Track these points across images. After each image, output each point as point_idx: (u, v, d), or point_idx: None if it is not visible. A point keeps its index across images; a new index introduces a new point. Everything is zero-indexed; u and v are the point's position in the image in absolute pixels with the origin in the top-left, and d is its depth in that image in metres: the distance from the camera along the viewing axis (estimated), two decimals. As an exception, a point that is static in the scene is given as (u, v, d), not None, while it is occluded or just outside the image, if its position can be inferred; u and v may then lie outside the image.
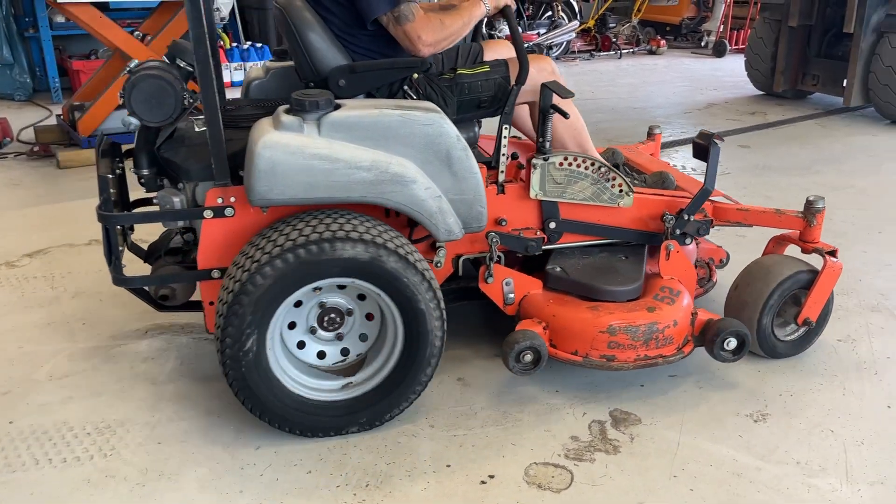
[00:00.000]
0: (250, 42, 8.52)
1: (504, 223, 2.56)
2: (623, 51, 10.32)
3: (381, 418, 2.33)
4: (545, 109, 2.50)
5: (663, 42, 10.68)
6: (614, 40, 10.40)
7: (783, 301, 2.67)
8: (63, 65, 7.47)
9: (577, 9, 10.04)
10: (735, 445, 2.29)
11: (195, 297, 2.56)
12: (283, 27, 2.49)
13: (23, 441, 2.30)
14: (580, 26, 10.08)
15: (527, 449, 2.27)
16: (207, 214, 2.28)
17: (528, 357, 2.38)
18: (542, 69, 2.65)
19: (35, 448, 2.27)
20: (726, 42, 10.30)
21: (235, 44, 8.48)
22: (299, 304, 2.27)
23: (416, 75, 2.51)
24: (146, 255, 2.69)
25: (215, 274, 2.33)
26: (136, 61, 2.39)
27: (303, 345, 2.35)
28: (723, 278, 3.07)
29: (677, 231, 2.67)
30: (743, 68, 7.61)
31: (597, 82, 8.42)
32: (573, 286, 2.55)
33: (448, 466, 2.20)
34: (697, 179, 2.91)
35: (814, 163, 5.25)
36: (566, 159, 2.54)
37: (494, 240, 2.52)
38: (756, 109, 6.98)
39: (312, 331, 2.33)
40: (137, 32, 5.47)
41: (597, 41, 10.40)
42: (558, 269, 2.60)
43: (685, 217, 2.67)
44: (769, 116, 6.72)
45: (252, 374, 2.16)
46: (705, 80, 8.51)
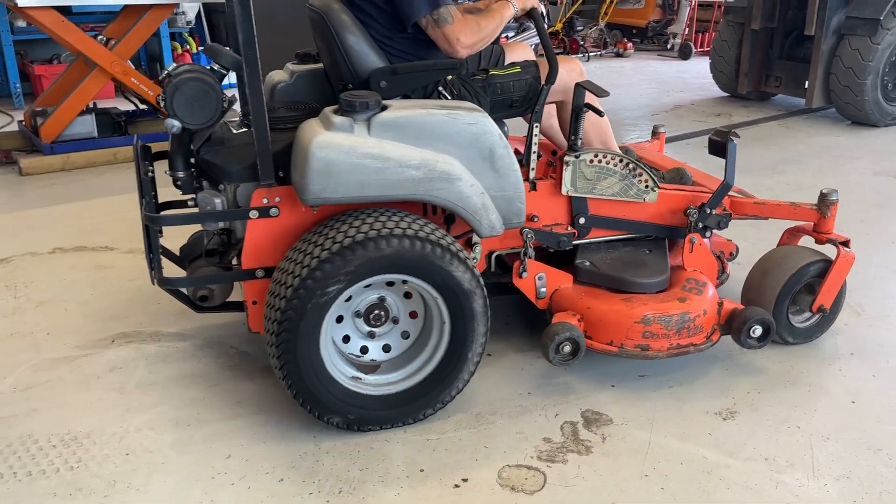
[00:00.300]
0: (217, 46, 8.43)
1: (536, 219, 2.64)
2: (590, 53, 10.42)
3: (425, 412, 2.39)
4: (578, 108, 2.59)
5: (630, 45, 10.80)
6: (582, 43, 10.49)
7: (798, 289, 2.77)
8: (25, 70, 7.33)
9: (545, 12, 10.10)
10: (704, 443, 2.32)
11: (231, 298, 2.60)
12: (320, 30, 2.53)
13: (-14, 455, 2.25)
14: (548, 29, 10.14)
15: (500, 451, 2.28)
16: (253, 215, 2.31)
17: (567, 348, 2.46)
18: (571, 69, 2.73)
19: (-1, 462, 2.22)
20: (692, 45, 10.44)
21: (202, 48, 8.38)
22: (348, 299, 2.30)
23: (450, 76, 2.57)
24: (180, 259, 2.71)
25: (259, 273, 2.36)
26: (174, 65, 2.43)
27: (348, 339, 2.39)
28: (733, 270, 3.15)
29: (700, 224, 2.78)
30: (708, 70, 7.72)
31: (565, 85, 8.46)
32: (604, 279, 2.64)
33: (421, 471, 2.20)
34: (710, 175, 3.08)
35: (778, 163, 5.34)
36: (596, 156, 2.64)
37: (529, 235, 2.58)
38: (721, 111, 7.08)
39: (362, 330, 2.39)
40: (101, 37, 5.38)
41: (564, 44, 10.47)
42: (587, 264, 2.68)
43: (707, 211, 2.77)
44: (734, 118, 6.82)
45: (308, 369, 2.19)
46: (671, 83, 8.62)
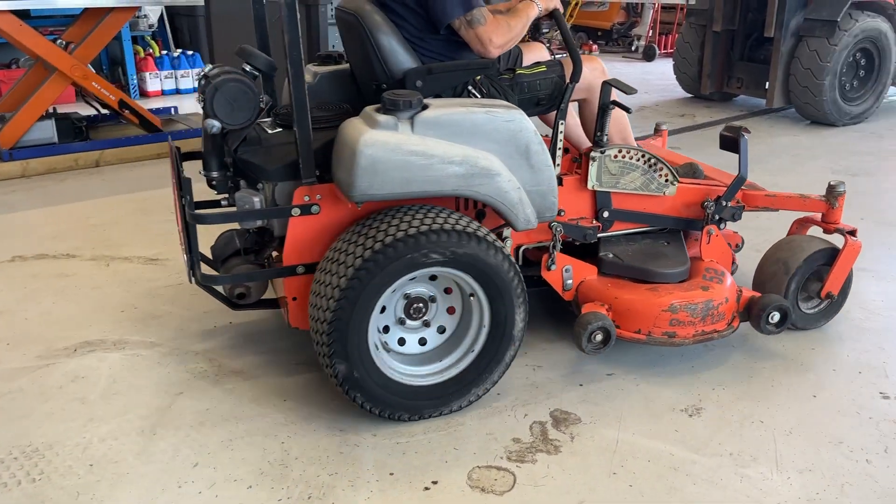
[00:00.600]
0: (181, 50, 8.34)
1: (562, 213, 2.70)
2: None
3: (462, 402, 2.45)
4: (605, 105, 2.68)
5: (595, 46, 10.92)
6: (547, 45, 10.53)
7: (807, 276, 2.89)
8: (-18, 74, 7.18)
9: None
10: (671, 440, 2.35)
11: (267, 296, 2.66)
12: (353, 31, 2.58)
13: (-57, 470, 2.19)
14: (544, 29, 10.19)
15: (469, 453, 2.28)
16: (295, 212, 2.36)
17: (599, 337, 2.54)
18: (594, 68, 2.83)
19: (-43, 477, 2.17)
20: (655, 46, 10.58)
21: (165, 52, 8.29)
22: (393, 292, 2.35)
23: (478, 76, 2.63)
24: (212, 259, 2.72)
25: (300, 270, 2.41)
26: (210, 66, 2.49)
27: (387, 329, 2.44)
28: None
29: (716, 216, 2.89)
30: (672, 72, 7.83)
31: (532, 87, 8.52)
32: (628, 270, 2.72)
33: (391, 474, 2.19)
34: (718, 169, 3.24)
35: (740, 163, 5.42)
36: (620, 151, 2.74)
37: (558, 229, 2.65)
38: (685, 111, 7.19)
39: (401, 321, 2.45)
40: (60, 41, 5.29)
41: (530, 46, 10.54)
42: (611, 256, 2.76)
43: (723, 203, 2.88)
44: (697, 118, 6.93)
45: (357, 359, 2.25)
46: (636, 84, 8.65)
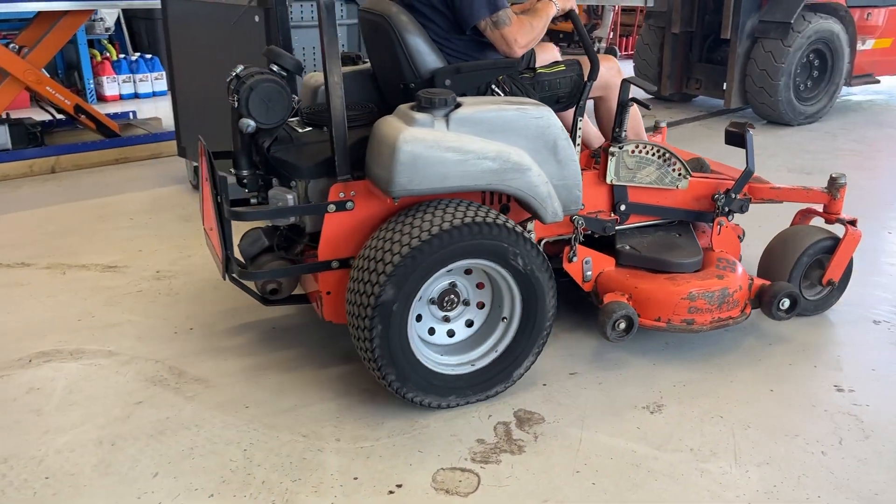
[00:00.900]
0: (139, 53, 8.22)
1: (583, 207, 2.74)
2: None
3: (494, 391, 2.54)
4: (625, 102, 2.78)
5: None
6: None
7: (810, 264, 3.03)
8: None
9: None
10: (633, 437, 2.37)
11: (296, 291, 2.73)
12: (380, 32, 2.65)
13: None
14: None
15: (434, 455, 2.28)
16: (331, 209, 2.43)
17: (623, 325, 2.63)
18: (610, 67, 2.92)
19: None
20: (616, 48, 10.70)
21: (123, 55, 8.16)
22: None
23: (501, 75, 2.70)
24: (242, 257, 2.73)
25: (335, 265, 2.48)
26: (242, 67, 2.54)
27: (420, 318, 2.50)
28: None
29: (726, 209, 2.99)
30: (632, 73, 7.93)
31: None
32: (646, 261, 2.83)
33: (355, 479, 2.18)
34: (722, 163, 3.37)
35: (699, 162, 5.51)
36: (637, 147, 2.84)
37: (579, 222, 2.73)
38: (646, 112, 7.26)
39: (436, 313, 2.53)
40: (13, 45, 5.17)
41: (494, 48, 10.58)
42: (628, 248, 2.86)
43: (732, 196, 2.99)
44: (658, 119, 7.01)
45: (398, 350, 2.33)
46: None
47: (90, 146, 5.39)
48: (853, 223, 3.04)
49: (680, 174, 2.92)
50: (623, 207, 2.90)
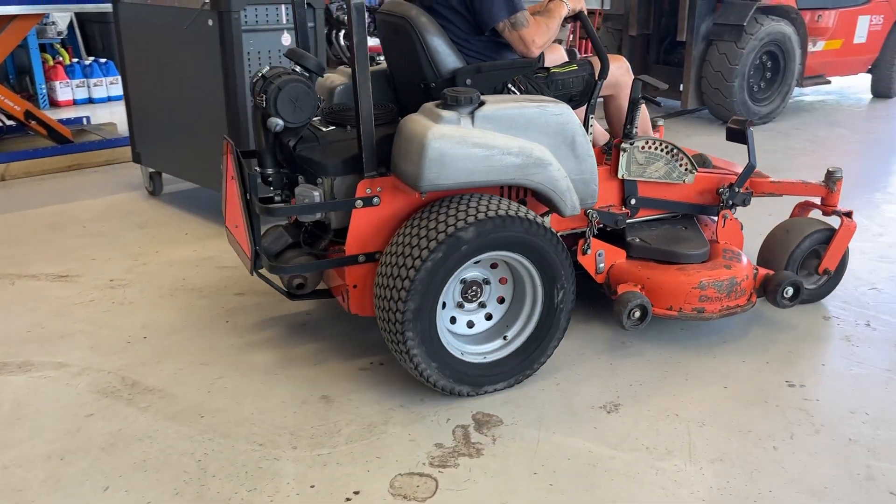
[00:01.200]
0: (93, 57, 8.06)
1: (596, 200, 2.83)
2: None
3: (519, 378, 2.64)
4: (636, 100, 2.88)
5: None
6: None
7: (807, 253, 3.16)
8: None
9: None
10: (590, 437, 2.39)
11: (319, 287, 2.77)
12: (400, 34, 2.72)
13: None
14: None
15: (392, 461, 2.27)
16: (358, 204, 2.50)
17: (637, 314, 2.73)
18: (620, 66, 3.03)
19: None
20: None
21: (76, 59, 8.00)
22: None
23: (518, 75, 2.79)
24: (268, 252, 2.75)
25: (361, 259, 2.55)
26: (268, 67, 2.60)
27: (444, 306, 2.56)
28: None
29: (730, 202, 3.09)
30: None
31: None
32: (656, 253, 2.93)
33: (312, 487, 2.16)
34: (722, 159, 3.46)
35: (657, 163, 5.58)
36: (647, 143, 2.94)
37: (594, 216, 2.81)
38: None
39: (460, 305, 2.62)
40: (-41, 49, 5.03)
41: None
42: (638, 240, 2.96)
43: (735, 190, 3.09)
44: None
45: (426, 338, 2.41)
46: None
47: (42, 153, 5.27)
48: (849, 215, 3.17)
49: (686, 169, 3.02)
50: (633, 201, 3.00)
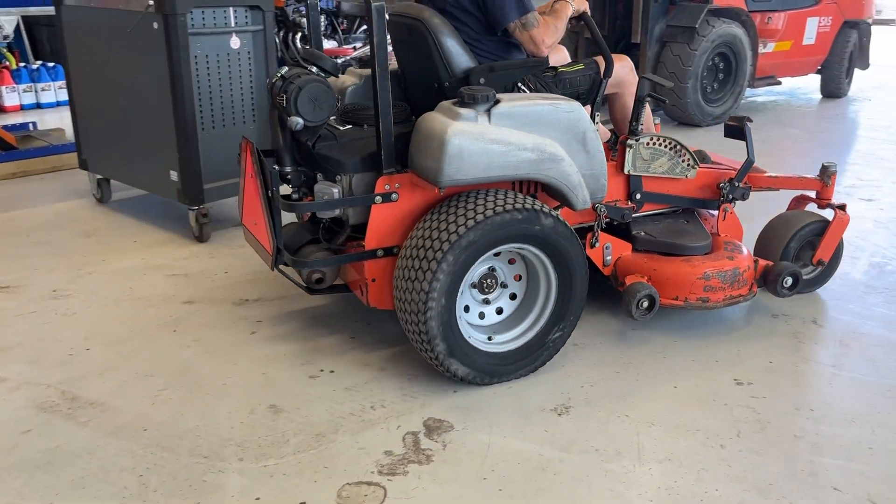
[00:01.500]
0: (41, 61, 7.87)
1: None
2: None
3: (534, 367, 2.72)
4: (641, 97, 2.97)
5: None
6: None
7: (802, 244, 3.28)
8: None
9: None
10: (540, 440, 2.38)
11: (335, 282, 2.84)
12: (414, 35, 2.79)
13: None
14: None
15: (340, 470, 2.23)
16: (377, 200, 2.57)
17: (645, 304, 2.82)
18: (624, 65, 3.13)
19: None
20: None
21: (23, 64, 7.79)
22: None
23: (527, 74, 2.86)
24: (286, 248, 2.77)
25: (380, 253, 2.62)
26: (287, 68, 2.65)
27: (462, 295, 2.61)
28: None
29: (730, 196, 3.19)
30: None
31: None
32: (661, 246, 3.02)
33: (257, 500, 2.11)
34: (721, 155, 3.55)
35: (613, 164, 5.62)
36: (651, 139, 3.01)
37: (602, 210, 2.90)
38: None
39: (480, 295, 2.71)
40: None
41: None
42: (643, 234, 3.05)
43: (735, 184, 3.18)
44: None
45: (447, 328, 2.49)
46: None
47: (-17, 160, 5.11)
48: (842, 208, 3.28)
49: (689, 164, 3.10)
50: (638, 196, 3.07)
